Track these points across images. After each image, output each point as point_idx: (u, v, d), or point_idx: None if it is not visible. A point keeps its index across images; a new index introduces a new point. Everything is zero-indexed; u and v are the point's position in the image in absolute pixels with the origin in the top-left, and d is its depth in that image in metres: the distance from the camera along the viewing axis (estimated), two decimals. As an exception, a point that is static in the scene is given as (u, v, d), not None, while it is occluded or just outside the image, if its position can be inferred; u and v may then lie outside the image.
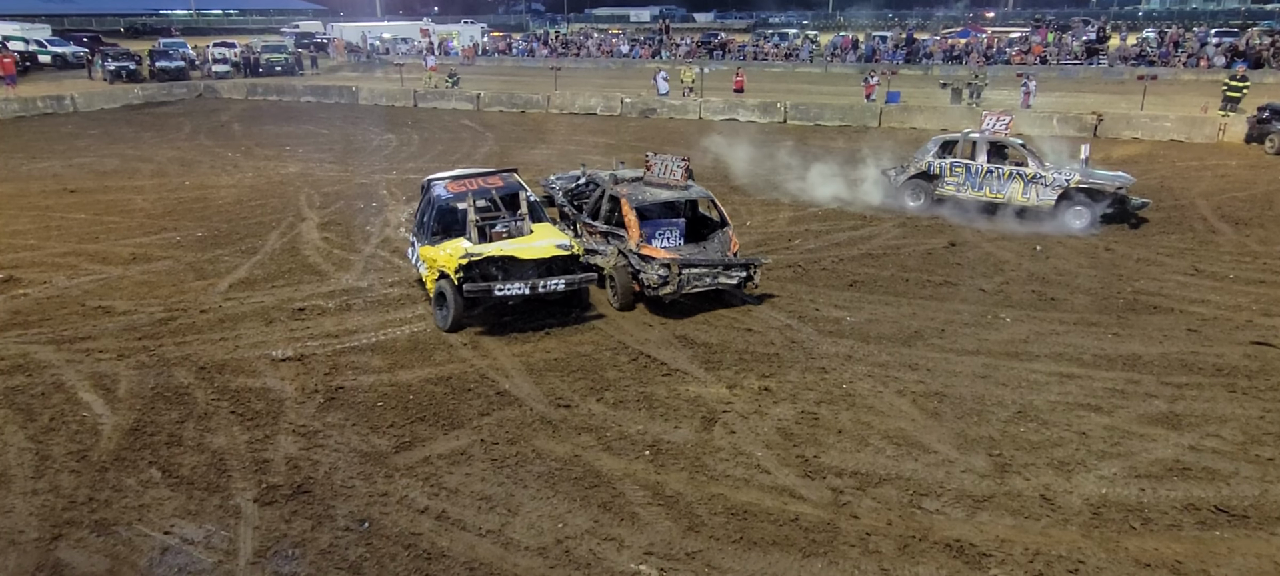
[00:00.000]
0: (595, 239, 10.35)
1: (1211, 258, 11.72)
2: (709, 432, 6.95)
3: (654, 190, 10.14)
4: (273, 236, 12.89)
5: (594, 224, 10.37)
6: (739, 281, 9.58)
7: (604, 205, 10.37)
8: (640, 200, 9.88)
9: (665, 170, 10.26)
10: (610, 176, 10.76)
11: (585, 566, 5.30)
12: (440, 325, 9.11)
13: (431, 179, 10.18)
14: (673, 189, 10.20)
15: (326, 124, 26.14)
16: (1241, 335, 8.97)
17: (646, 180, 10.43)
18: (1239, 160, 18.68)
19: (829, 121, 24.73)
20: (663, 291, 9.18)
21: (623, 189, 10.14)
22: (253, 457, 6.52)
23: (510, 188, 10.03)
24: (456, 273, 8.84)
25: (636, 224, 9.64)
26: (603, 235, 10.18)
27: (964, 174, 13.95)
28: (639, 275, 9.44)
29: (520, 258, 9.06)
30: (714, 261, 9.44)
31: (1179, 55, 39.23)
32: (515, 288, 8.82)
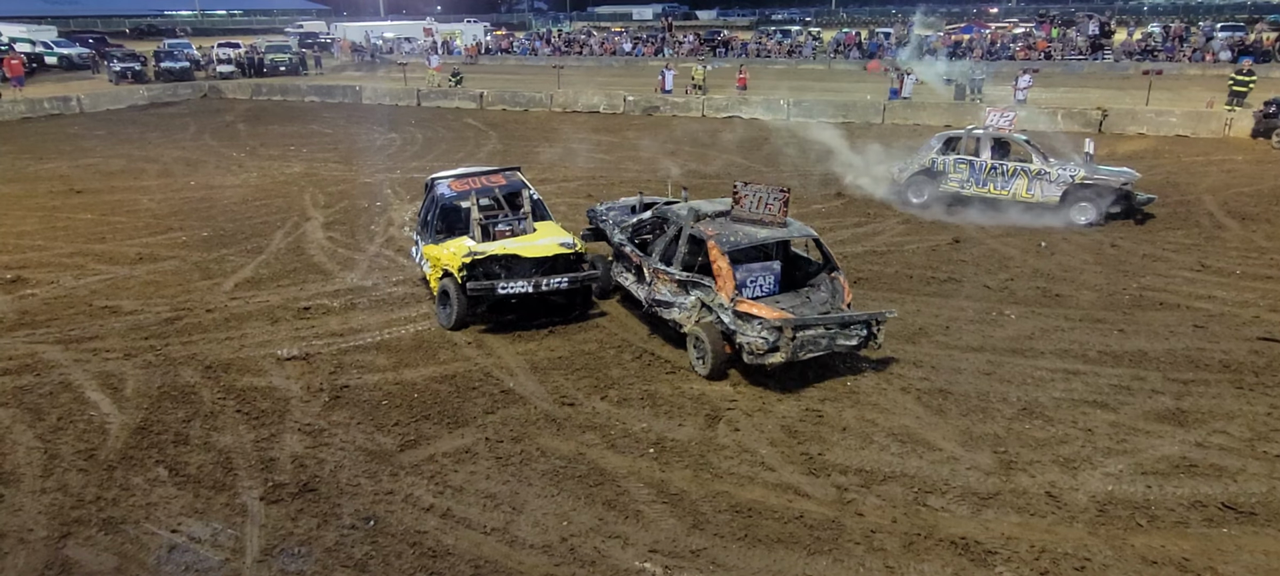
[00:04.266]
0: (668, 287, 8.43)
1: (1218, 253, 11.68)
2: (713, 430, 6.96)
3: (747, 229, 8.15)
4: (278, 236, 12.93)
5: (668, 270, 8.37)
6: (859, 341, 7.73)
7: (681, 247, 8.41)
8: (733, 243, 7.93)
9: (759, 204, 8.27)
10: (689, 211, 8.68)
11: (590, 564, 5.32)
12: (444, 323, 9.10)
13: (434, 178, 10.14)
14: (770, 227, 8.27)
15: (330, 123, 26.19)
16: (1248, 331, 8.94)
17: (735, 216, 8.40)
18: (1245, 155, 18.59)
19: (832, 118, 24.69)
20: (769, 359, 7.38)
21: (707, 228, 8.21)
22: (259, 456, 6.54)
23: (513, 186, 10.00)
24: (460, 271, 8.83)
25: (731, 274, 7.75)
26: (679, 284, 8.28)
27: (968, 170, 13.91)
28: (733, 336, 7.63)
29: (523, 256, 9.04)
30: (832, 320, 7.56)
31: (1184, 49, 39.05)
32: (518, 286, 8.79)
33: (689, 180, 16.82)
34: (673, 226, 8.74)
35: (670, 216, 8.93)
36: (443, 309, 9.18)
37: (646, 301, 8.63)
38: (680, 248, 8.42)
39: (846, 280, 8.39)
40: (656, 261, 8.60)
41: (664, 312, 8.47)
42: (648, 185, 16.41)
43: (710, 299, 7.86)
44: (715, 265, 7.86)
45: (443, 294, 9.14)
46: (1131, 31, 48.07)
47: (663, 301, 8.44)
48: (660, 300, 8.47)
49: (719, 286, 7.78)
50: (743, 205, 8.38)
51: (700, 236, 8.23)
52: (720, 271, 7.79)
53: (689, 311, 8.13)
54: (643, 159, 19.40)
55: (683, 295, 8.24)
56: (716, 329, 7.74)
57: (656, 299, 8.51)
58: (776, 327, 7.33)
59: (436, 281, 9.37)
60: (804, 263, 8.80)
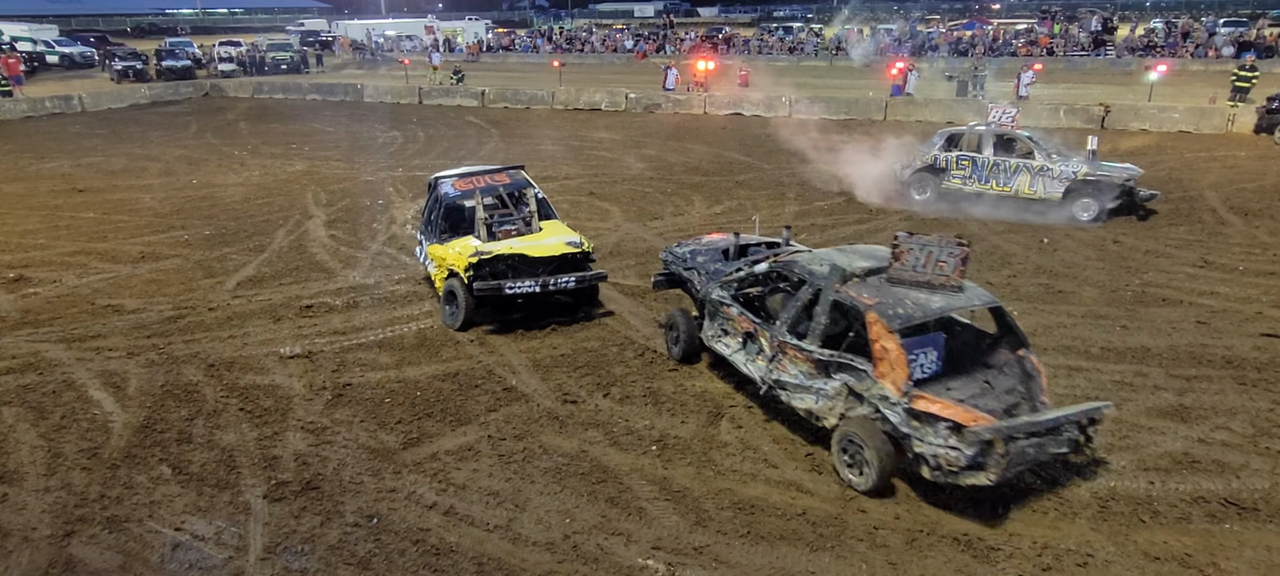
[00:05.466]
0: (800, 367, 6.49)
1: (1221, 249, 11.65)
2: (716, 427, 6.96)
3: (914, 296, 6.14)
4: (280, 234, 12.94)
5: (801, 345, 6.47)
6: (1069, 447, 5.88)
7: (821, 315, 6.43)
8: (903, 316, 5.91)
9: (926, 261, 6.28)
10: (832, 269, 6.59)
11: (593, 561, 5.32)
12: (450, 323, 9.05)
13: (438, 177, 10.05)
14: (942, 292, 6.24)
15: (332, 122, 26.20)
16: (1251, 327, 8.92)
17: (893, 276, 6.37)
18: (1248, 151, 18.55)
19: (835, 115, 24.66)
20: (968, 479, 5.48)
21: (861, 293, 6.21)
22: (262, 454, 6.55)
23: (517, 184, 9.95)
24: (466, 271, 8.76)
25: (903, 359, 5.79)
26: (818, 364, 6.35)
27: (970, 167, 13.89)
28: (909, 442, 5.74)
29: (530, 255, 8.97)
30: (1045, 423, 5.67)
31: (1187, 45, 38.96)
32: (525, 285, 8.75)
33: (694, 177, 16.83)
34: (808, 287, 6.67)
35: (800, 273, 6.85)
36: (449, 309, 9.11)
37: (764, 381, 6.80)
38: (819, 316, 6.42)
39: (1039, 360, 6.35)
40: (783, 332, 6.67)
41: (793, 398, 6.58)
42: (660, 188, 16.41)
43: (866, 388, 5.99)
44: (878, 345, 5.88)
45: (449, 294, 9.06)
46: (1134, 27, 47.96)
47: (791, 384, 6.53)
48: (787, 382, 6.56)
49: (881, 372, 5.87)
50: (904, 262, 6.30)
51: (851, 304, 6.25)
52: (886, 354, 5.83)
53: (832, 401, 6.23)
54: (646, 156, 19.39)
55: (822, 378, 6.33)
56: (880, 429, 5.89)
57: (781, 380, 6.61)
58: (985, 440, 5.37)
59: (442, 281, 9.29)
60: (970, 333, 6.72)
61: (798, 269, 6.93)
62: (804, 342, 6.47)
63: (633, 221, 13.49)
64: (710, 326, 7.71)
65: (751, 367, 7.05)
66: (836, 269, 6.54)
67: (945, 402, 5.65)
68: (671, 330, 8.23)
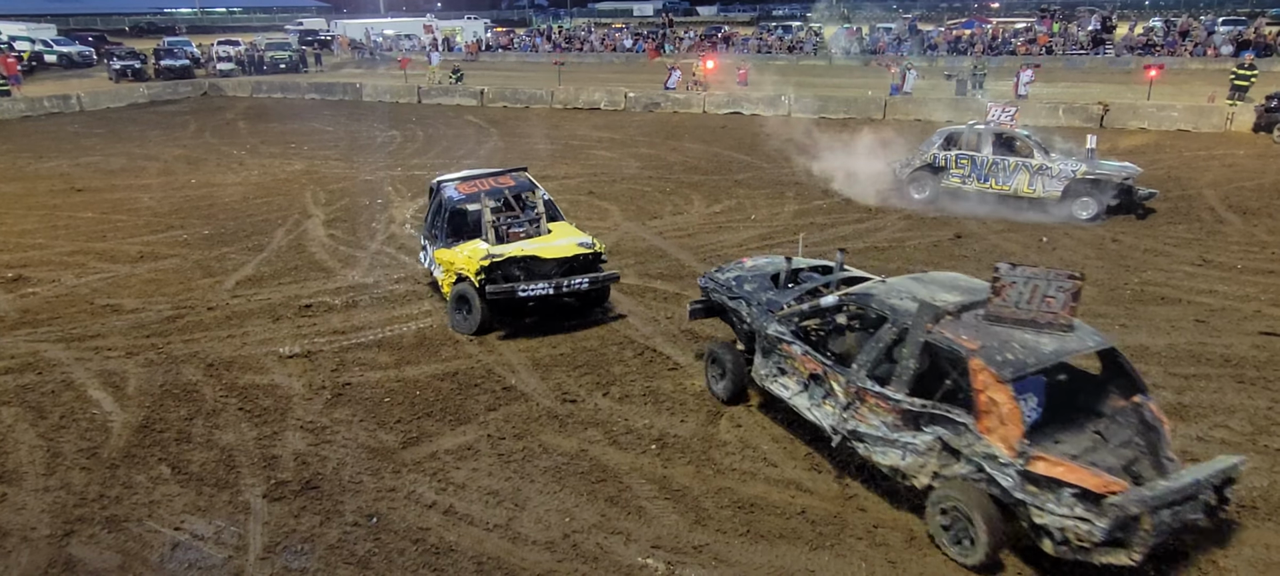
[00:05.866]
0: (883, 417, 5.66)
1: (1219, 248, 11.66)
2: (715, 426, 6.96)
3: (1023, 338, 5.31)
4: (279, 234, 12.93)
5: (884, 393, 5.64)
6: (1206, 511, 5.09)
7: (909, 358, 5.58)
8: (1015, 363, 5.08)
9: (1032, 296, 5.39)
10: (922, 306, 5.66)
11: (593, 560, 5.32)
12: (463, 330, 8.84)
13: (441, 180, 9.96)
14: (1052, 333, 5.40)
15: (331, 121, 26.19)
16: (1250, 326, 8.93)
17: (992, 312, 5.50)
18: (1247, 149, 18.56)
19: (834, 114, 24.67)
20: (1104, 557, 4.74)
21: (960, 334, 5.37)
22: (261, 454, 6.55)
23: (522, 186, 9.82)
24: (478, 275, 8.58)
25: (1017, 413, 4.94)
26: (904, 415, 5.51)
27: (970, 166, 13.90)
28: (1025, 510, 4.92)
29: (542, 257, 8.81)
30: (1182, 488, 4.86)
31: (1186, 44, 38.97)
32: (539, 288, 8.60)
33: (693, 176, 16.83)
34: (890, 326, 5.82)
35: (880, 309, 6.00)
36: (459, 315, 8.89)
37: (836, 431, 5.97)
38: (906, 360, 5.57)
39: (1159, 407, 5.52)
40: (861, 377, 5.81)
41: (873, 453, 5.74)
42: (660, 187, 16.41)
43: (967, 444, 5.16)
44: (984, 397, 5.06)
45: (459, 299, 8.86)
46: (1133, 26, 47.97)
47: (871, 437, 5.71)
48: (866, 434, 5.74)
49: (986, 427, 5.05)
50: (1005, 297, 5.44)
51: (948, 347, 5.39)
52: (994, 407, 5.02)
53: (923, 457, 5.42)
54: (645, 155, 19.39)
55: (910, 431, 5.49)
56: (986, 494, 5.07)
57: (859, 432, 5.79)
58: (1130, 513, 4.61)
59: (449, 286, 9.10)
60: (1073, 375, 5.89)
61: (876, 304, 6.04)
62: (887, 389, 5.60)
63: (632, 221, 13.48)
64: (763, 364, 6.79)
65: (818, 414, 6.18)
66: (926, 306, 5.62)
67: (1070, 465, 4.81)
68: (714, 365, 7.31)
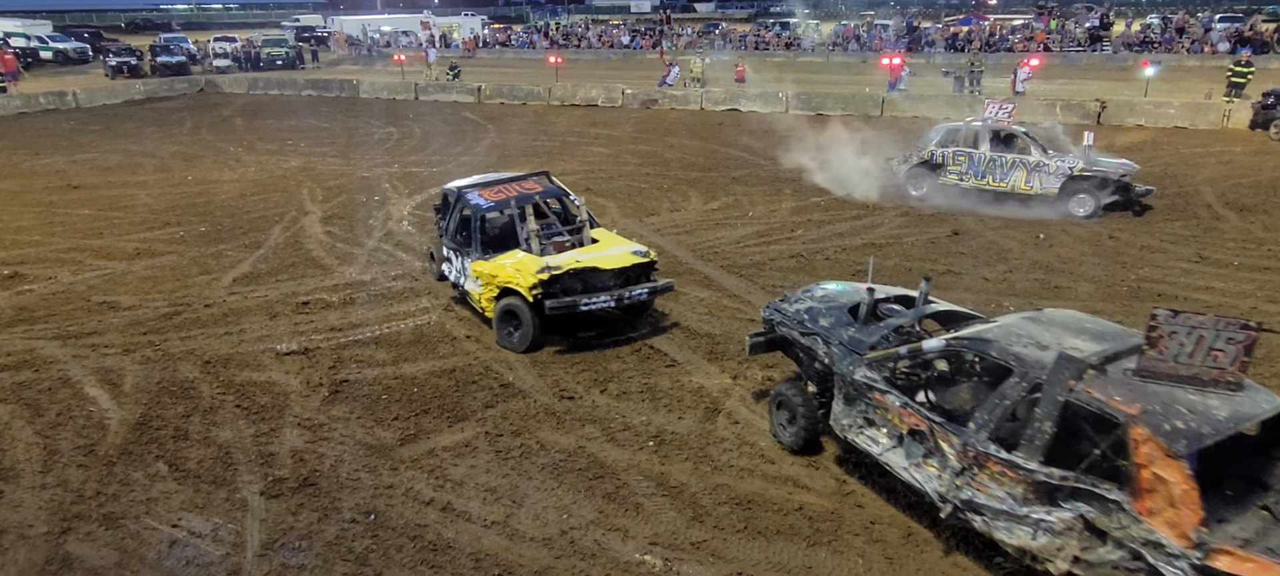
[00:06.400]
0: (1008, 488, 4.77)
1: (1216, 245, 11.69)
2: (713, 423, 6.96)
3: (1190, 401, 4.44)
4: (276, 231, 12.91)
5: (1015, 460, 4.73)
6: None
7: (1045, 422, 4.66)
8: (1191, 434, 4.22)
9: (1196, 349, 4.57)
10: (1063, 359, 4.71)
11: (590, 557, 5.33)
12: (514, 347, 8.31)
13: (461, 187, 9.38)
14: (1220, 393, 4.57)
15: (328, 118, 26.14)
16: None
17: (1145, 367, 4.62)
18: (1243, 146, 18.59)
19: (831, 110, 24.66)
20: None
21: (1117, 398, 4.46)
22: (258, 451, 6.54)
23: (550, 192, 9.39)
24: (533, 289, 8.00)
25: (1195, 495, 4.08)
26: (1040, 488, 4.62)
27: (967, 162, 13.91)
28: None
29: (603, 268, 8.36)
30: None
31: (1183, 41, 39.02)
32: (601, 300, 8.19)
33: (691, 172, 16.82)
34: (1018, 380, 4.94)
35: (1004, 358, 5.12)
36: (508, 331, 8.35)
37: (945, 500, 5.13)
38: (1042, 422, 4.68)
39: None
40: (981, 439, 4.95)
41: (995, 528, 4.87)
42: (657, 184, 16.37)
43: (1121, 527, 4.31)
44: (1148, 472, 4.20)
45: (507, 315, 8.30)
46: (1130, 23, 48.00)
47: (993, 509, 4.84)
48: (986, 506, 4.88)
49: (1148, 508, 4.20)
50: (1164, 349, 4.59)
51: (1099, 410, 4.51)
52: (1161, 485, 4.17)
53: (1061, 538, 4.55)
54: (642, 152, 19.38)
55: (1044, 506, 4.62)
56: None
57: (976, 503, 4.93)
58: None
59: (488, 300, 8.52)
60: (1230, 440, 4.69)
61: (997, 352, 5.20)
62: (1016, 456, 4.73)
63: (629, 217, 13.48)
64: (846, 411, 5.95)
65: (918, 476, 5.37)
66: (1067, 359, 4.69)
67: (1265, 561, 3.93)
68: (782, 409, 6.50)
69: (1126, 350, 4.91)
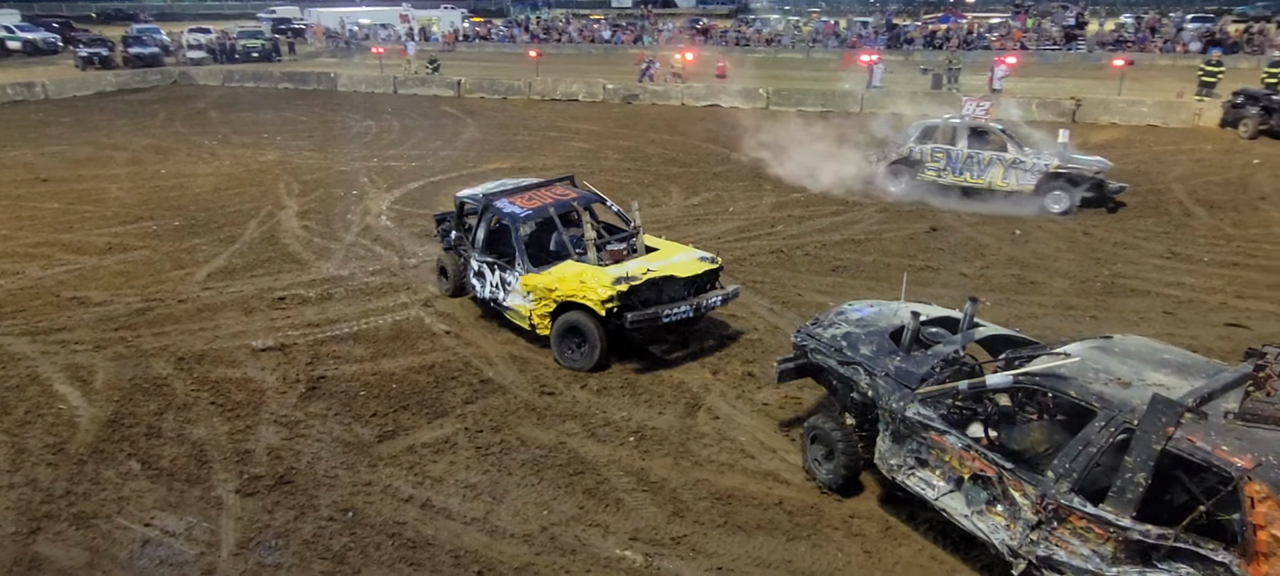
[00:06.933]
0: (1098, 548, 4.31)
1: (1187, 241, 11.88)
2: (693, 418, 6.97)
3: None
4: (251, 225, 12.74)
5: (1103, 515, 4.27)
6: None
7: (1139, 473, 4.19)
8: None
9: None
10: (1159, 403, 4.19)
11: (571, 553, 5.32)
12: (578, 365, 7.73)
13: (489, 195, 8.80)
14: None
15: (305, 111, 25.83)
16: (1216, 317, 9.11)
17: (1251, 409, 4.21)
18: (1214, 144, 18.91)
19: (811, 107, 24.77)
20: None
21: (1223, 447, 4.05)
22: (234, 448, 6.46)
23: (585, 198, 8.92)
24: (607, 302, 7.47)
25: None
26: (1132, 548, 4.21)
27: (945, 159, 14.02)
28: None
29: (679, 276, 7.93)
30: None
31: (1156, 40, 39.60)
32: (681, 310, 7.76)
33: (671, 168, 16.82)
34: (1104, 423, 4.47)
35: (1086, 398, 4.63)
36: (571, 349, 7.77)
37: (1018, 555, 4.63)
38: (1135, 472, 4.21)
39: None
40: (1062, 491, 4.47)
41: None
42: (638, 179, 16.34)
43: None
44: (1265, 534, 3.83)
45: (569, 331, 7.72)
46: (1103, 22, 48.64)
47: (1074, 568, 4.39)
48: (1067, 565, 4.41)
49: (1265, 573, 3.84)
50: (1272, 391, 4.23)
51: (1204, 461, 4.08)
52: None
53: None
54: (623, 147, 19.35)
55: (1136, 566, 4.20)
56: None
57: (1055, 560, 4.46)
58: None
59: (541, 316, 7.94)
60: None
61: (1077, 390, 4.66)
62: (1105, 510, 4.26)
63: (610, 212, 13.44)
64: (894, 450, 5.45)
65: (983, 525, 4.86)
66: (1164, 403, 4.17)
67: None
68: (818, 444, 5.96)
69: (1220, 387, 4.44)
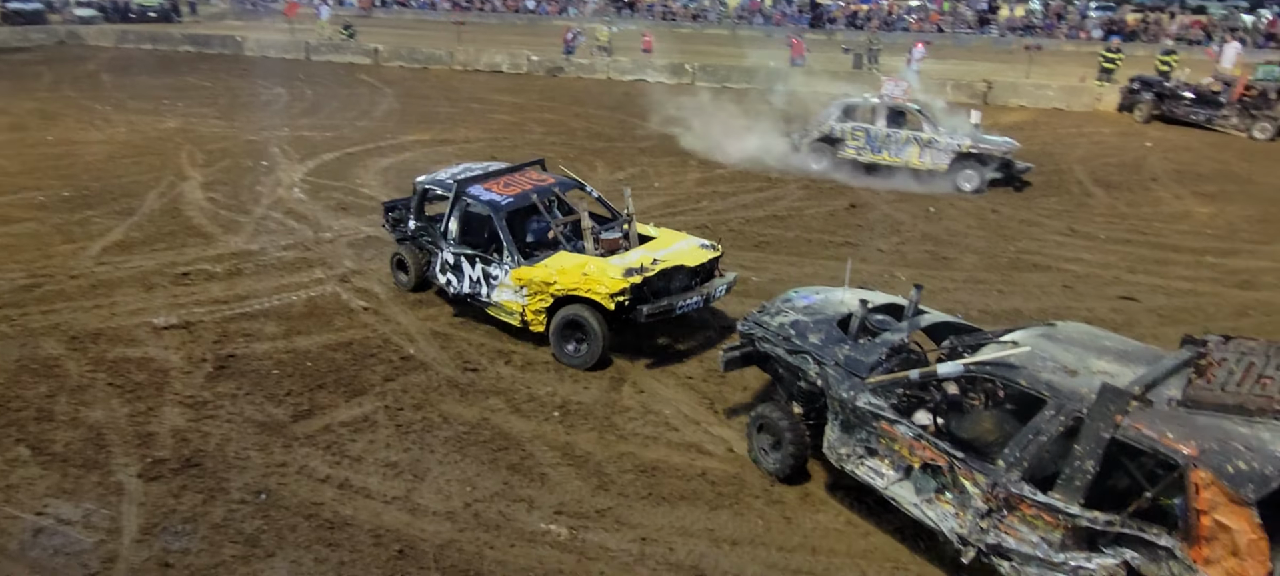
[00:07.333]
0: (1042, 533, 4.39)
1: (1085, 219, 12.56)
2: (618, 392, 6.99)
3: (1244, 436, 4.09)
4: (151, 196, 12.03)
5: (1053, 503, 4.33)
6: None
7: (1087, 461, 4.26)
8: (1257, 479, 3.86)
9: (1247, 376, 4.41)
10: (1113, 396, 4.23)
11: (495, 528, 5.27)
12: (578, 363, 7.31)
13: (459, 181, 8.13)
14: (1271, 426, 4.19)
15: (208, 76, 24.47)
16: (1110, 290, 9.68)
17: (1193, 396, 4.30)
18: (1112, 128, 20.01)
19: (736, 83, 24.97)
20: None
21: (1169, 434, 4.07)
22: (135, 431, 6.13)
23: (564, 184, 8.55)
24: (618, 295, 7.06)
25: (1264, 549, 3.76)
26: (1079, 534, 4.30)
27: (864, 138, 14.38)
28: None
29: (689, 265, 7.61)
30: None
31: (1062, 27, 41.49)
32: (693, 301, 7.47)
33: (597, 143, 16.70)
34: (1054, 412, 4.51)
35: (1036, 387, 4.67)
36: (572, 345, 7.33)
37: (968, 543, 4.68)
38: (1083, 460, 4.28)
39: None
40: (1012, 479, 4.50)
41: (1021, 574, 4.47)
42: (563, 153, 16.15)
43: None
44: (1209, 520, 3.87)
45: (569, 327, 7.27)
46: (1014, 7, 50.57)
47: (1023, 555, 4.45)
48: (1015, 551, 4.48)
49: (1205, 557, 3.89)
50: (1212, 378, 4.39)
51: (1151, 449, 4.15)
52: (1223, 534, 3.85)
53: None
54: (548, 121, 19.09)
55: (1083, 553, 4.28)
56: None
57: (1005, 547, 4.52)
58: None
59: (533, 312, 7.48)
60: None
61: (1026, 379, 4.70)
62: (1055, 498, 4.33)
63: (535, 186, 13.26)
64: (843, 440, 5.43)
65: (932, 513, 4.91)
66: (1113, 391, 4.23)
67: None
68: (764, 433, 5.90)
69: (1163, 375, 4.52)
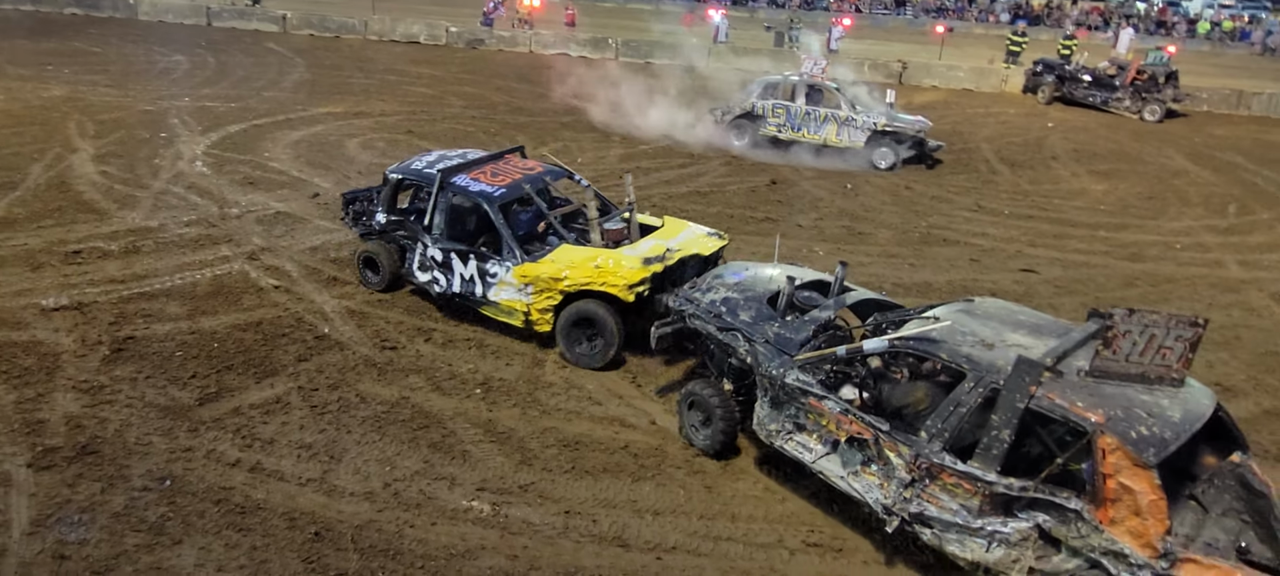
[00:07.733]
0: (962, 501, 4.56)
1: (991, 195, 13.16)
2: (540, 368, 6.97)
3: (1144, 402, 4.40)
4: (35, 169, 11.21)
5: (972, 471, 4.50)
6: None
7: (1004, 430, 4.46)
8: (1156, 442, 4.14)
9: (1148, 347, 4.55)
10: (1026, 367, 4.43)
11: (415, 507, 5.20)
12: (590, 364, 6.95)
13: (443, 171, 7.52)
14: (1168, 393, 4.55)
15: (99, 41, 22.88)
16: (1012, 263, 10.20)
17: (1099, 366, 4.52)
18: (1017, 109, 20.96)
19: (659, 59, 24.97)
20: None
21: (1078, 403, 4.31)
22: (23, 419, 5.76)
23: (553, 173, 8.12)
24: (637, 289, 6.74)
25: (1163, 507, 4.02)
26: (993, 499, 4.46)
27: (784, 115, 14.64)
28: None
29: (702, 254, 7.36)
30: None
31: (973, 10, 43.05)
32: None
33: (519, 117, 16.44)
34: (973, 384, 4.68)
35: (956, 361, 4.84)
36: (585, 344, 6.97)
37: (892, 513, 4.81)
38: (1000, 430, 4.45)
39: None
40: (934, 450, 4.65)
41: (946, 541, 4.64)
42: (484, 128, 15.84)
43: (1080, 537, 4.23)
44: (1114, 482, 4.11)
45: (581, 322, 6.92)
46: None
47: (944, 522, 4.62)
48: (937, 519, 4.64)
49: (1110, 517, 4.12)
50: (1117, 349, 4.51)
51: (1062, 417, 4.37)
52: (1127, 495, 4.07)
53: (1015, 549, 4.41)
54: (468, 94, 18.68)
55: (999, 518, 4.46)
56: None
57: (927, 515, 4.68)
58: None
59: (539, 311, 7.06)
60: None
61: (946, 353, 4.88)
62: (973, 467, 4.49)
63: (455, 161, 12.98)
64: (772, 416, 5.47)
65: (857, 485, 5.02)
66: (1028, 363, 4.42)
67: (1227, 568, 3.91)
68: (695, 410, 5.92)
69: (1072, 346, 4.71)
